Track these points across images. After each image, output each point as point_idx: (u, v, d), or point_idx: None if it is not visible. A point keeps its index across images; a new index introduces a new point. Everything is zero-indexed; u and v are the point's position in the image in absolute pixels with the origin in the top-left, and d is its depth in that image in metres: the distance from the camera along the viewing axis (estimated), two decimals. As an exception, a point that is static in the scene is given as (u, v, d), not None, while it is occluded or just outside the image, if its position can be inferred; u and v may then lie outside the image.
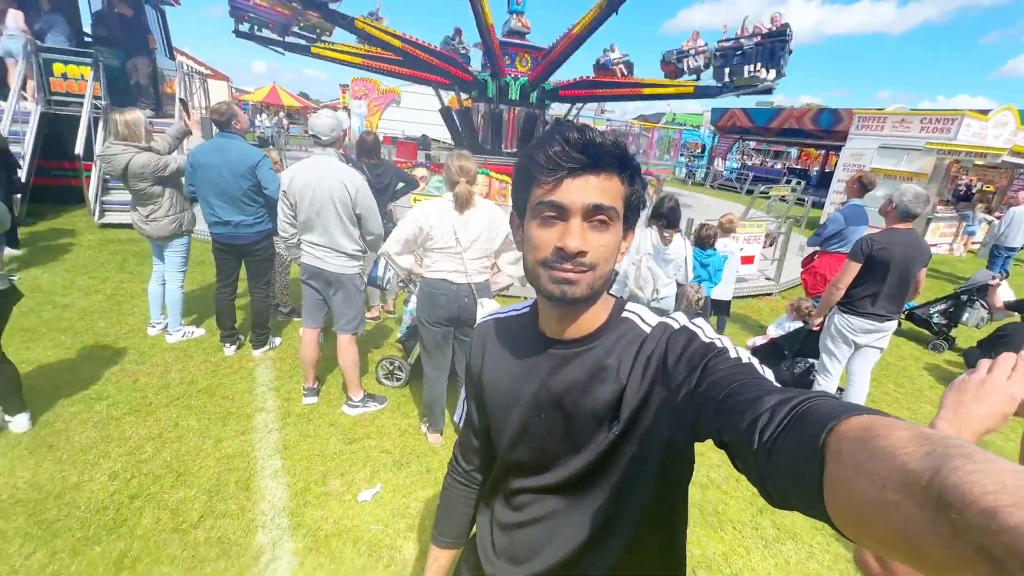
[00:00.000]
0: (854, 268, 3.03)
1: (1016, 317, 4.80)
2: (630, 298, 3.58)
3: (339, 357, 3.08)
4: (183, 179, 3.52)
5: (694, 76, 9.88)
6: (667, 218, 3.46)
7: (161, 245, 3.71)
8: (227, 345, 3.75)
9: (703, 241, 4.09)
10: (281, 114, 24.48)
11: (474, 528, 0.99)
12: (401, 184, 4.47)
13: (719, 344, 0.67)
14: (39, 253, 5.55)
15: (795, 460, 0.42)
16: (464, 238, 2.54)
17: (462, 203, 2.49)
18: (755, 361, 0.65)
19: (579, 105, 12.22)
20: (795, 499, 0.42)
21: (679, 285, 3.65)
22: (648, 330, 0.73)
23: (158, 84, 8.80)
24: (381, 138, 4.94)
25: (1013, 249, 7.95)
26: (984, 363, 0.67)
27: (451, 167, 2.50)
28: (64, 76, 7.24)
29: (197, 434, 2.83)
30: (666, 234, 3.44)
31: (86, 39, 8.67)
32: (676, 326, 0.72)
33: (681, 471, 0.74)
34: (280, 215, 2.83)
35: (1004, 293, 5.09)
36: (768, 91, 9.81)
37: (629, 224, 0.72)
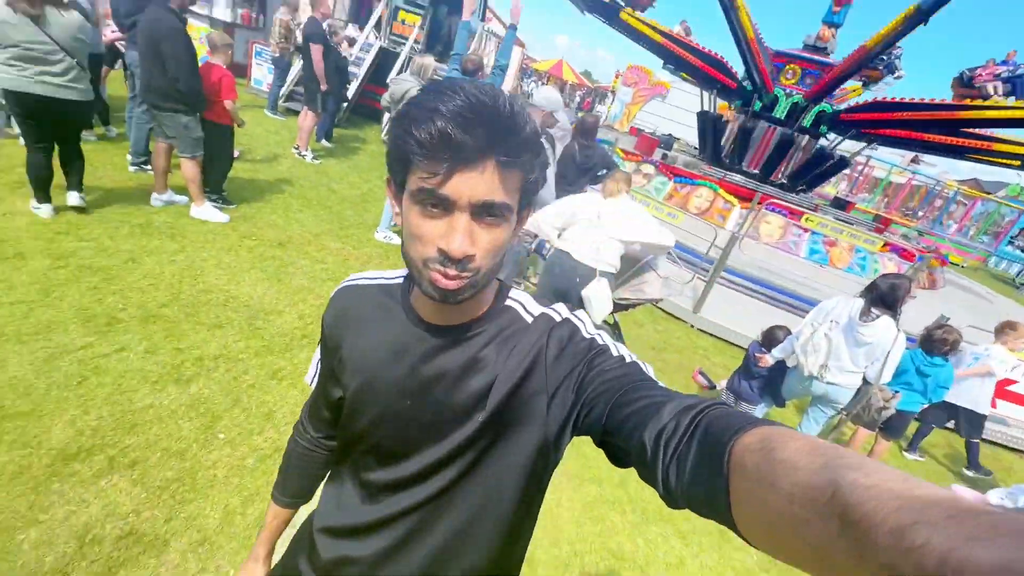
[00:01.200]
0: None
1: None
2: (795, 366, 3.05)
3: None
4: None
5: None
6: (881, 296, 2.79)
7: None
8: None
9: (933, 344, 3.16)
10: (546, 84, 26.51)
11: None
12: (604, 171, 4.55)
13: (600, 340, 0.67)
14: (339, 149, 7.39)
15: (701, 473, 0.42)
16: (606, 216, 2.79)
17: (608, 192, 2.85)
18: (636, 358, 0.65)
19: (873, 145, 10.07)
20: (704, 509, 0.43)
21: (865, 382, 2.94)
22: (530, 320, 0.70)
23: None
24: (627, 129, 5.08)
25: None
26: None
27: (615, 177, 2.91)
28: (403, 22, 9.20)
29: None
30: (874, 311, 2.78)
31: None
32: (558, 318, 0.70)
33: (546, 465, 0.70)
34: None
35: None
36: None
37: (524, 206, 0.64)
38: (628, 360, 0.64)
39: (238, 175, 5.04)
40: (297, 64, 7.79)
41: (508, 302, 0.72)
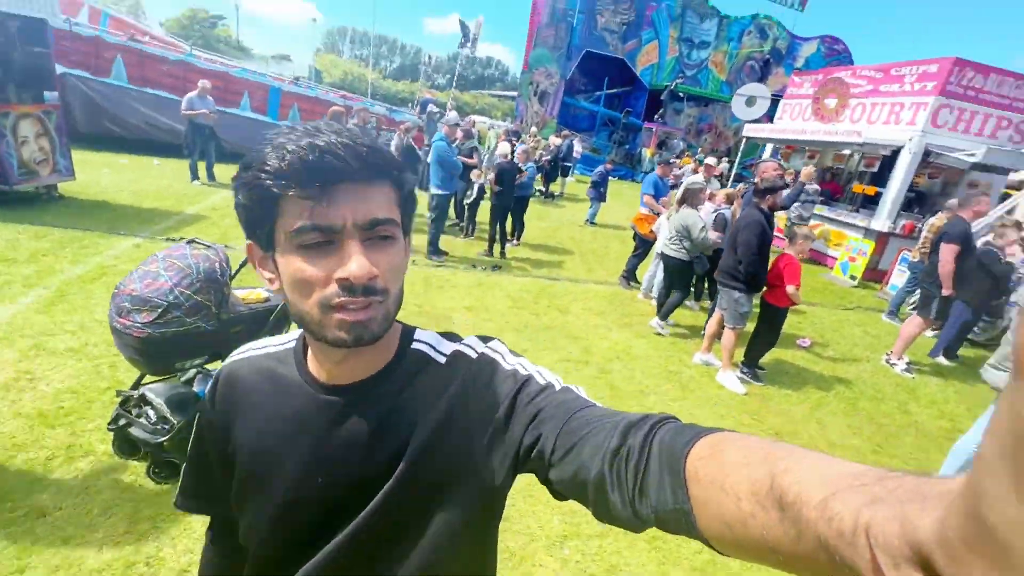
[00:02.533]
0: None
1: None
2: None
3: None
4: None
5: None
6: None
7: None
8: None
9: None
10: None
11: None
12: None
13: (523, 371, 0.63)
14: (955, 372, 5.58)
15: (664, 492, 0.42)
16: None
17: None
18: (565, 383, 0.62)
19: None
20: (674, 527, 0.42)
21: None
22: (443, 361, 0.65)
23: None
24: None
25: None
26: None
27: None
28: None
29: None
30: None
31: None
32: (474, 355, 0.66)
33: (491, 515, 0.66)
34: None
35: None
36: None
37: (407, 227, 0.61)
38: (559, 387, 0.61)
39: (804, 363, 4.98)
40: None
41: (415, 345, 0.67)
